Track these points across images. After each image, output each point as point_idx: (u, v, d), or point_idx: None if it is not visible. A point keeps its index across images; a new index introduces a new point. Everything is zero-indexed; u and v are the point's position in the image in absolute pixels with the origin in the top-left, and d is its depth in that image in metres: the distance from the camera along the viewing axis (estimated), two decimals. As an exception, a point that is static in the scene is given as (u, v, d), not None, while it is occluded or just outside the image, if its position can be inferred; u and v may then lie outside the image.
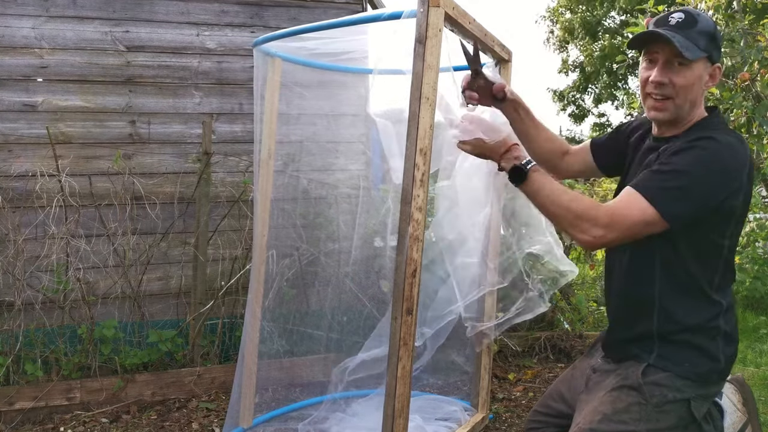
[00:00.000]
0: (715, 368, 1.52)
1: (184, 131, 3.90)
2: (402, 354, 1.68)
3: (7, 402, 3.00)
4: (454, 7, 1.81)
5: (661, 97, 1.51)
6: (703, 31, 1.49)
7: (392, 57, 1.96)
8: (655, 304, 1.53)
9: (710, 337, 1.51)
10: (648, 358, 1.53)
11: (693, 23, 1.49)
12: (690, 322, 1.51)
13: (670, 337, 1.52)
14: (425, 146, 1.65)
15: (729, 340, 1.54)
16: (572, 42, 19.48)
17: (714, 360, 1.51)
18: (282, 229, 3.24)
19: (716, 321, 1.51)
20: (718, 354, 1.51)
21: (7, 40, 3.60)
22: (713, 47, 1.50)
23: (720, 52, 1.54)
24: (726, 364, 1.54)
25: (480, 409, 2.85)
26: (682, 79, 1.49)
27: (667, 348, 1.52)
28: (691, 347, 1.51)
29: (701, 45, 1.48)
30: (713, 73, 1.53)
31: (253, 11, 4.07)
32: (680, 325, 1.51)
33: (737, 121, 4.12)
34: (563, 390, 1.78)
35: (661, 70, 1.50)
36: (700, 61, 1.49)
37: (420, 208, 1.66)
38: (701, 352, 1.51)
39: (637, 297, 1.57)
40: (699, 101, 1.54)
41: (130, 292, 3.50)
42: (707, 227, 1.47)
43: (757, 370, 3.80)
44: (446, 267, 2.44)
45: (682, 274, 1.51)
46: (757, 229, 5.47)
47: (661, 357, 1.51)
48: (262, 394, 2.97)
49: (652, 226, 1.42)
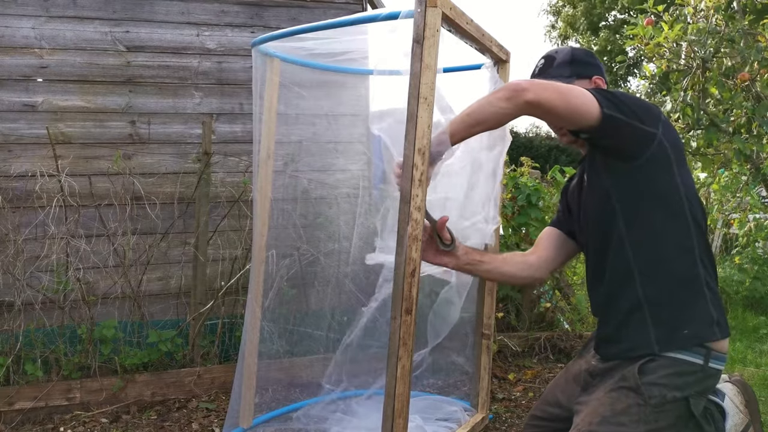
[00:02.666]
0: (711, 320, 1.51)
1: (184, 131, 3.90)
2: (401, 354, 1.68)
3: (7, 402, 3.01)
4: (452, 7, 1.81)
5: (560, 132, 1.73)
6: (562, 62, 1.73)
7: (391, 57, 1.95)
8: (633, 270, 1.53)
9: (696, 289, 1.52)
10: (647, 343, 1.51)
11: (550, 63, 1.74)
12: (671, 275, 1.52)
13: (659, 300, 1.52)
14: (423, 146, 1.64)
15: (712, 288, 1.54)
16: (573, 35, 19.49)
17: (707, 312, 1.51)
18: (282, 229, 3.24)
19: (695, 269, 1.52)
20: (707, 305, 1.51)
21: (7, 40, 3.61)
22: (578, 67, 1.72)
23: (587, 66, 1.74)
24: (719, 314, 1.53)
25: (480, 410, 2.85)
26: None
27: (661, 315, 1.51)
28: (683, 306, 1.51)
29: (565, 73, 1.70)
30: (596, 84, 1.72)
31: (253, 11, 4.08)
32: (663, 283, 1.52)
33: (737, 121, 4.12)
34: (558, 393, 1.78)
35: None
36: (575, 84, 1.62)
37: (419, 207, 1.66)
38: (693, 308, 1.51)
39: (614, 268, 1.58)
40: None
41: (130, 292, 3.51)
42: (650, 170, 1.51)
43: (757, 370, 3.80)
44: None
45: (650, 230, 1.52)
46: (755, 229, 5.46)
47: (661, 336, 1.50)
48: (262, 394, 2.97)
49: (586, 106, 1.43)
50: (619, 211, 1.55)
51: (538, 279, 1.85)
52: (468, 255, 1.75)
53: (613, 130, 1.47)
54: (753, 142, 4.09)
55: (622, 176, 1.54)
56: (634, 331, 1.54)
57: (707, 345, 1.50)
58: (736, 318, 5.01)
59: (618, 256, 1.56)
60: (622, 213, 1.54)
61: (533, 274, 1.81)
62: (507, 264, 1.80)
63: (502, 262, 1.81)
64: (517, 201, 4.10)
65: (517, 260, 1.83)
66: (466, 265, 1.76)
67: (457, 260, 1.74)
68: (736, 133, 4.18)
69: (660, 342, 1.50)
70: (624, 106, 1.46)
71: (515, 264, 1.81)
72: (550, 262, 1.83)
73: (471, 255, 1.76)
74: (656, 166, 1.51)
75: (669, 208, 1.53)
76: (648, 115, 1.50)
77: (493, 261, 1.81)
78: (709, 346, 1.50)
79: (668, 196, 1.53)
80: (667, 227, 1.52)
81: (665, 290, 1.52)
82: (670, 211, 1.53)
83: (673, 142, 1.54)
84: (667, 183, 1.52)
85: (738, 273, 5.41)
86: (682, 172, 1.54)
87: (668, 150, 1.51)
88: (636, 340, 1.53)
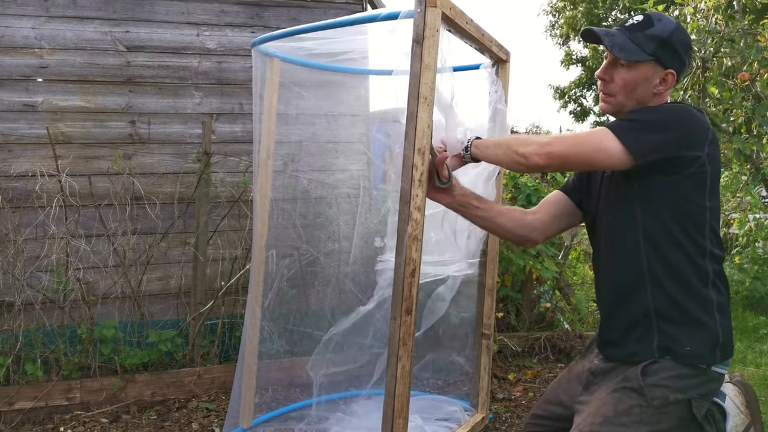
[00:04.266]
0: (715, 343, 1.50)
1: (184, 131, 3.90)
2: (401, 354, 1.68)
3: (7, 402, 3.01)
4: (451, 7, 1.81)
5: (605, 93, 1.60)
6: (654, 35, 1.53)
7: (390, 57, 1.95)
8: (645, 278, 1.52)
9: (706, 311, 1.51)
10: (649, 352, 1.51)
11: (645, 27, 1.55)
12: (683, 292, 1.50)
13: (668, 314, 1.51)
14: (423, 146, 1.65)
15: (724, 313, 1.54)
16: (574, 37, 19.48)
17: (713, 335, 1.50)
18: (282, 229, 3.24)
19: (708, 292, 1.51)
20: (716, 328, 1.51)
21: (7, 40, 3.61)
22: (664, 52, 1.53)
23: (677, 59, 1.56)
24: (725, 339, 1.52)
25: (480, 409, 2.85)
26: (621, 78, 1.56)
27: (667, 328, 1.51)
28: (690, 326, 1.50)
29: (648, 48, 1.53)
30: (665, 77, 1.56)
31: (253, 11, 4.08)
32: (675, 299, 1.50)
33: (737, 121, 4.13)
34: (560, 393, 1.77)
35: (605, 67, 1.59)
36: (647, 64, 1.54)
37: (419, 207, 1.66)
38: (700, 329, 1.50)
39: (626, 269, 1.56)
40: (651, 101, 1.57)
41: (130, 292, 3.51)
42: (684, 187, 1.48)
43: (757, 370, 3.80)
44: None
45: (668, 243, 1.50)
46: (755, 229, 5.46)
47: (663, 346, 1.50)
48: (262, 394, 2.97)
49: (611, 155, 1.44)
50: (639, 217, 1.52)
51: (532, 241, 1.80)
52: (464, 197, 1.74)
53: (651, 166, 1.46)
54: (753, 142, 4.10)
55: (653, 184, 1.50)
56: (638, 339, 1.54)
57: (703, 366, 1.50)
58: (736, 318, 5.01)
59: (632, 259, 1.54)
60: (642, 219, 1.52)
61: (529, 234, 1.78)
62: (503, 216, 1.77)
63: (499, 213, 1.77)
64: (517, 201, 4.10)
65: (515, 216, 1.78)
66: (460, 206, 1.75)
67: (452, 199, 1.74)
68: (736, 133, 4.18)
69: (661, 351, 1.51)
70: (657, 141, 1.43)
71: (513, 219, 1.77)
72: (548, 227, 1.80)
73: (467, 197, 1.75)
74: (691, 186, 1.48)
75: (690, 228, 1.50)
76: (692, 137, 1.46)
77: (489, 210, 1.77)
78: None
79: (693, 217, 1.50)
80: (685, 245, 1.50)
81: (676, 306, 1.51)
82: (691, 232, 1.50)
83: (714, 165, 1.50)
84: (696, 204, 1.50)
85: (738, 273, 5.40)
86: (713, 197, 1.52)
87: (707, 173, 1.48)
88: (639, 349, 1.54)
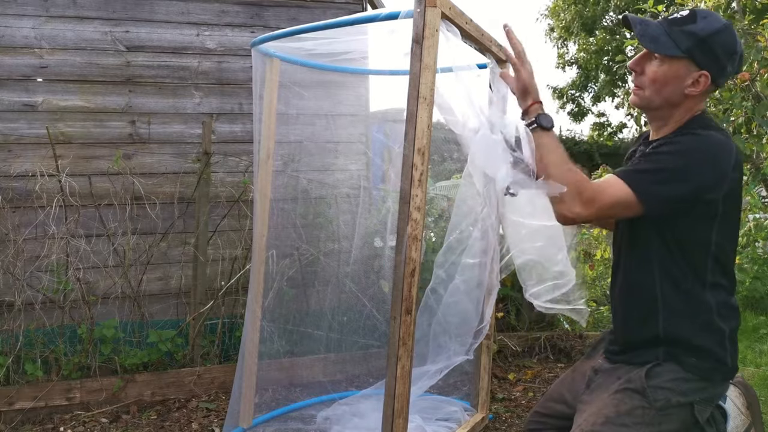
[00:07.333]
0: (721, 369, 1.52)
1: (184, 131, 3.90)
2: (401, 354, 1.69)
3: (7, 402, 3.01)
4: (451, 7, 1.81)
5: (636, 86, 1.57)
6: (692, 32, 1.46)
7: (390, 57, 1.95)
8: (658, 302, 1.53)
9: (716, 340, 1.51)
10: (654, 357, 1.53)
11: (686, 22, 1.48)
12: (692, 320, 1.51)
13: (678, 341, 1.51)
14: (423, 146, 1.65)
15: (733, 342, 1.54)
16: (570, 39, 19.49)
17: (721, 362, 1.51)
18: (282, 229, 3.24)
19: (714, 321, 1.51)
20: (726, 357, 1.52)
21: (7, 40, 3.61)
22: (700, 52, 1.46)
23: (714, 62, 1.47)
24: (733, 366, 1.54)
25: (480, 410, 2.85)
26: (652, 71, 1.52)
27: (674, 353, 1.52)
28: (699, 352, 1.51)
29: (682, 45, 1.46)
30: (698, 79, 1.48)
31: (253, 11, 4.08)
32: (684, 326, 1.51)
33: (737, 121, 4.12)
34: (564, 391, 1.77)
35: (638, 58, 1.56)
36: (680, 61, 1.48)
37: (418, 207, 1.66)
38: (708, 354, 1.51)
39: (639, 283, 1.57)
40: (682, 102, 1.52)
41: (130, 292, 3.51)
42: (690, 220, 1.47)
43: (757, 370, 3.80)
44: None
45: (676, 271, 1.51)
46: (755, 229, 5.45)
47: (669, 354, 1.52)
48: (262, 394, 2.97)
49: (629, 207, 1.44)
50: (654, 235, 1.52)
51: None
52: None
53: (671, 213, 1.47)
54: (753, 142, 4.10)
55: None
56: (644, 351, 1.56)
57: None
58: (736, 318, 5.00)
59: (645, 273, 1.55)
60: (657, 237, 1.52)
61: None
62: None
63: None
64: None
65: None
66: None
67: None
68: (735, 133, 4.18)
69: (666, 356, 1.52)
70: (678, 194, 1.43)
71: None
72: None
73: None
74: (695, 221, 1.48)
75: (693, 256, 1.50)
76: (714, 183, 1.44)
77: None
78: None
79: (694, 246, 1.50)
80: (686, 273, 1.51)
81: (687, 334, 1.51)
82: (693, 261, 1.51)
83: (734, 197, 1.50)
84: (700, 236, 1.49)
85: (738, 273, 5.39)
86: (722, 230, 1.50)
87: (718, 211, 1.47)
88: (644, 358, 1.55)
